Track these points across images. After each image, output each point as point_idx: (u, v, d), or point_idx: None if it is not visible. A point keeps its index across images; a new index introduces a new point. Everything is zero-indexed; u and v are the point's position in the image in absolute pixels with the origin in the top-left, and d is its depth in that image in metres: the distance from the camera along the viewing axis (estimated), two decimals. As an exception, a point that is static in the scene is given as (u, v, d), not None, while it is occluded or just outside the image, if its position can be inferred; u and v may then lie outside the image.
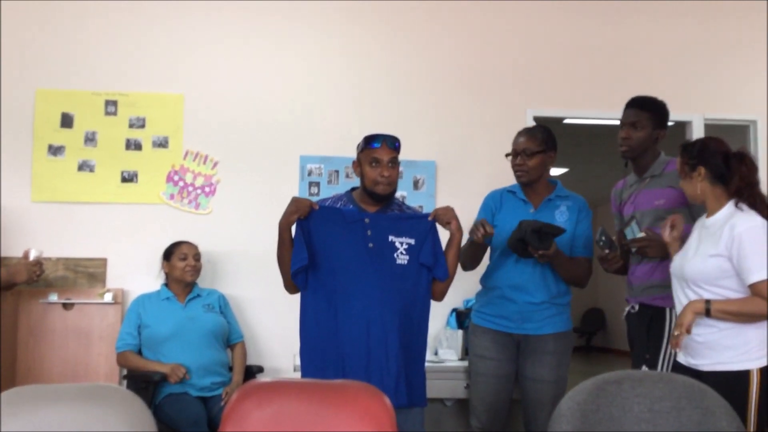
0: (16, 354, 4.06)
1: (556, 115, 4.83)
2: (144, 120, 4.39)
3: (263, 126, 4.48)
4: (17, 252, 3.85)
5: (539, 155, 3.21)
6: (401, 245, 2.71)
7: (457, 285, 3.14)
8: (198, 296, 3.94)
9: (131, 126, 4.38)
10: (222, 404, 3.58)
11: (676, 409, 1.79)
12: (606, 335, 14.84)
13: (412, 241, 2.73)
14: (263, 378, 4.07)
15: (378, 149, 2.74)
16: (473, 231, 2.96)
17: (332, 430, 1.56)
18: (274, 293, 4.27)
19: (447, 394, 3.93)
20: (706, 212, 2.78)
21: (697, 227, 2.83)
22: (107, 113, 4.37)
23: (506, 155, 3.31)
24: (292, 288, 2.81)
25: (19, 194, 4.24)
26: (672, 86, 4.79)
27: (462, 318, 4.17)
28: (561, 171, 10.62)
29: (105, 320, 4.16)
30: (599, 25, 4.80)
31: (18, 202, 4.23)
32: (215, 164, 4.42)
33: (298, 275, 2.70)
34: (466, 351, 3.71)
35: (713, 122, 4.80)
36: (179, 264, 3.89)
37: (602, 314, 14.86)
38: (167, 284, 3.96)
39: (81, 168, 4.32)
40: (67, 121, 4.34)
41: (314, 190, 4.43)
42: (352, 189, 2.92)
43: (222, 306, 4.02)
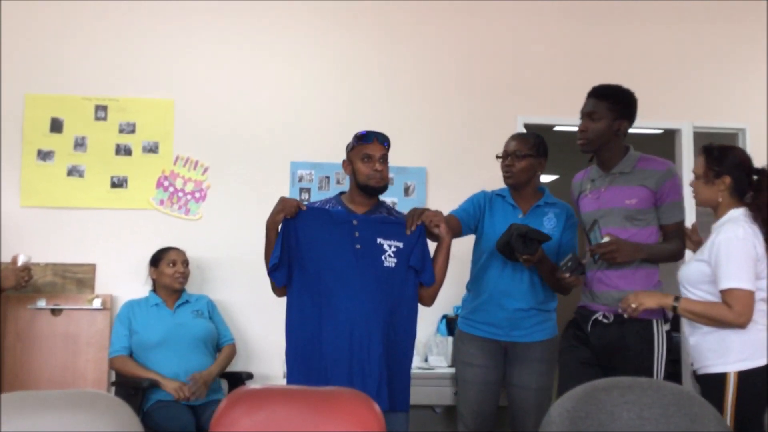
0: (4, 360, 4.02)
1: (547, 123, 4.85)
2: (134, 125, 4.37)
3: (254, 132, 4.47)
4: (5, 257, 3.82)
5: (528, 159, 3.22)
6: (389, 248, 2.72)
7: (448, 291, 3.14)
8: (187, 302, 3.92)
9: (121, 131, 4.36)
10: (189, 385, 3.58)
11: (665, 416, 1.79)
12: (596, 342, 14.86)
13: (401, 245, 2.74)
14: (252, 384, 4.05)
15: (370, 145, 2.78)
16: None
17: (321, 437, 1.56)
18: (264, 299, 4.26)
19: (437, 401, 3.93)
20: (714, 217, 2.83)
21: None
22: (97, 118, 4.36)
23: (497, 156, 3.32)
24: (279, 290, 2.80)
25: (8, 199, 4.22)
26: (662, 94, 4.82)
27: (452, 324, 4.17)
28: (551, 178, 10.64)
29: (93, 326, 4.14)
30: (590, 33, 4.83)
31: (7, 208, 4.20)
32: (205, 170, 4.41)
33: (275, 272, 2.71)
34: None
35: (703, 130, 4.83)
36: (168, 270, 3.87)
37: (592, 321, 14.89)
38: (155, 290, 3.94)
39: (70, 173, 4.30)
40: (57, 126, 4.32)
41: (305, 196, 4.42)
42: (341, 193, 2.93)
43: (211, 311, 4.00)
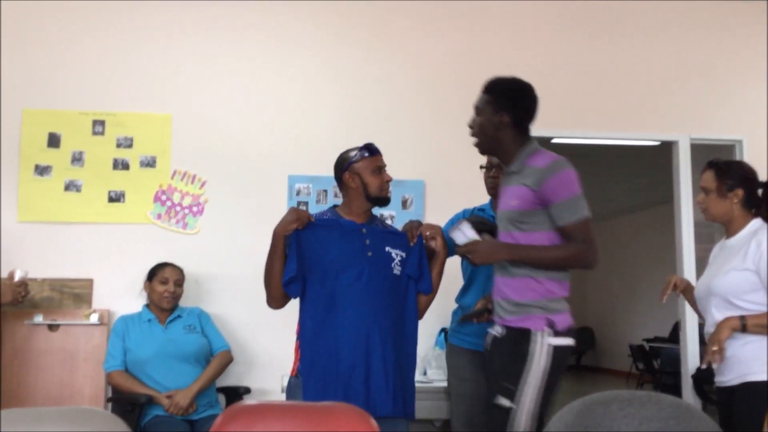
0: (0, 376, 4.01)
1: (545, 135, 4.85)
2: (132, 140, 4.38)
3: (251, 145, 4.47)
4: (2, 273, 3.81)
5: None
6: (396, 256, 2.76)
7: (445, 304, 3.13)
8: (179, 317, 3.89)
9: (119, 145, 4.37)
10: (169, 409, 3.56)
11: (664, 430, 1.78)
12: (596, 354, 14.84)
13: (404, 254, 2.79)
14: (250, 400, 4.03)
15: (378, 157, 2.85)
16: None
17: (318, 453, 1.55)
18: (263, 314, 4.24)
19: (435, 415, 3.90)
20: (726, 233, 2.83)
21: (717, 249, 2.90)
22: (95, 133, 4.36)
23: (480, 167, 3.31)
24: (276, 301, 2.77)
25: (6, 214, 4.21)
26: (659, 106, 4.84)
27: (451, 338, 4.15)
28: (549, 190, 10.65)
29: (91, 341, 4.12)
30: (587, 47, 4.85)
31: (4, 223, 4.20)
32: (203, 184, 4.41)
33: (290, 285, 2.69)
34: None
35: (700, 142, 4.85)
36: (159, 288, 3.85)
37: (591, 333, 14.87)
38: (148, 305, 3.92)
39: (68, 188, 4.30)
40: (54, 141, 4.33)
41: (303, 210, 4.41)
42: (334, 206, 2.92)
43: (203, 323, 3.97)
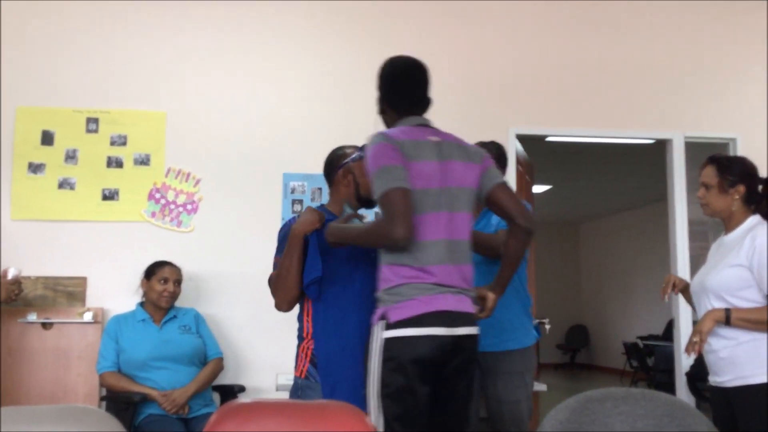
0: (-6, 374, 4.00)
1: (539, 133, 4.86)
2: (125, 137, 4.36)
3: (246, 143, 4.47)
4: (-5, 271, 3.80)
5: None
6: None
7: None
8: (174, 317, 3.87)
9: (113, 143, 4.36)
10: (164, 405, 3.55)
11: (658, 427, 1.78)
12: (590, 352, 14.88)
13: None
14: (244, 398, 4.03)
15: None
16: None
17: (313, 451, 1.55)
18: (257, 312, 4.27)
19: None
20: (724, 229, 2.83)
21: (715, 246, 2.89)
22: (88, 131, 4.35)
23: None
24: (290, 304, 2.69)
25: (-2, 212, 4.20)
26: (653, 105, 4.85)
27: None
28: (544, 188, 10.69)
29: (84, 340, 4.11)
30: (581, 45, 4.85)
31: (-3, 221, 4.18)
32: (197, 182, 4.40)
33: (312, 286, 2.64)
34: None
35: (693, 140, 4.86)
36: (157, 287, 3.84)
37: (586, 331, 14.91)
38: (143, 303, 3.90)
39: (61, 186, 4.28)
40: (48, 139, 4.31)
41: (297, 208, 4.41)
42: (322, 205, 2.88)
43: (198, 325, 3.95)
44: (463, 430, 2.34)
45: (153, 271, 3.88)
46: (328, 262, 2.64)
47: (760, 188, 2.77)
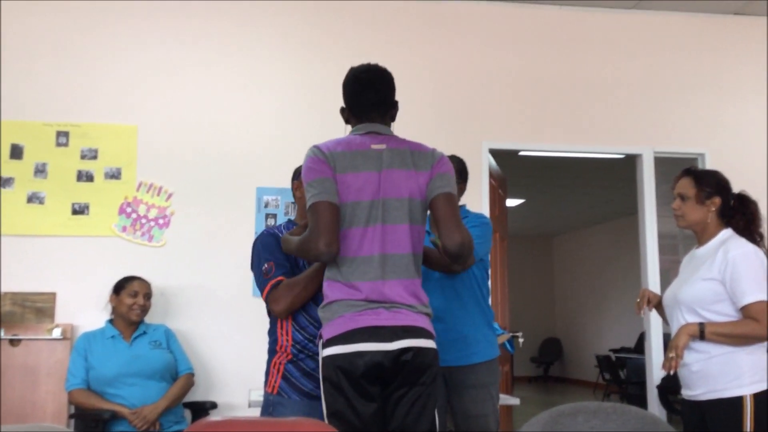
0: (-41, 393, 3.92)
1: (512, 148, 4.91)
2: (96, 151, 4.32)
3: (219, 157, 4.44)
4: (-39, 287, 3.74)
5: None
6: None
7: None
8: (144, 333, 3.83)
9: (83, 157, 4.31)
10: (135, 422, 3.51)
11: (630, 441, 1.80)
12: (563, 365, 14.96)
13: None
14: (216, 414, 3.99)
15: None
16: None
17: (285, 469, 1.53)
18: (229, 327, 4.24)
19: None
20: (697, 242, 2.85)
21: (687, 259, 2.91)
22: (58, 144, 4.30)
23: None
24: (289, 313, 2.59)
25: (-35, 227, 4.13)
26: (623, 120, 4.92)
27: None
28: (517, 202, 10.77)
29: (53, 356, 4.04)
30: (552, 61, 4.91)
31: (-37, 235, 4.11)
32: (169, 196, 4.37)
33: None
34: None
35: (663, 155, 4.93)
36: (127, 300, 3.80)
37: (559, 344, 14.99)
38: (112, 320, 3.85)
39: (30, 200, 4.23)
40: (17, 153, 4.26)
41: (271, 222, 4.40)
42: (289, 220, 2.86)
43: (169, 340, 3.91)
44: None
45: (122, 286, 3.84)
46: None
47: (732, 202, 2.81)
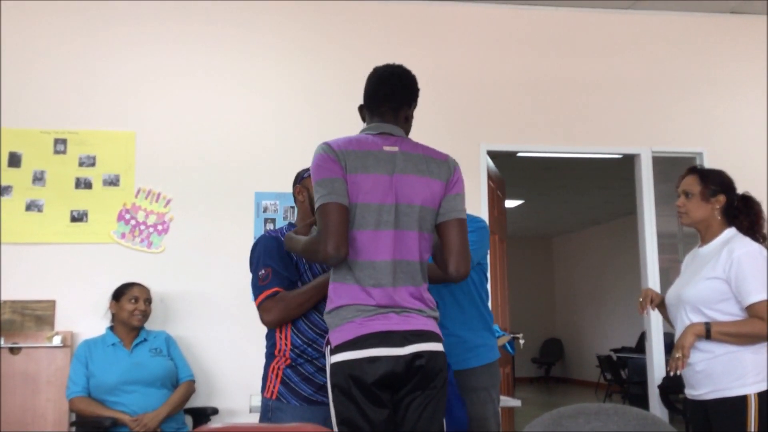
0: (-41, 402, 3.91)
1: (510, 149, 4.91)
2: (94, 158, 4.32)
3: (217, 163, 4.44)
4: (-39, 295, 3.73)
5: None
6: None
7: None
8: (144, 340, 3.84)
9: (81, 164, 4.31)
10: (135, 429, 3.50)
11: (631, 443, 1.80)
12: (564, 365, 14.95)
13: None
14: (217, 420, 3.98)
15: None
16: None
17: (286, 475, 1.53)
18: (230, 333, 4.24)
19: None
20: (700, 240, 2.84)
21: (689, 258, 2.90)
22: (56, 152, 4.30)
23: None
24: (281, 324, 2.61)
25: (-36, 236, 4.12)
26: (621, 121, 4.92)
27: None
28: (516, 203, 10.77)
29: (53, 364, 4.04)
30: (550, 62, 4.91)
31: (-38, 244, 4.11)
32: (168, 202, 4.36)
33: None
34: None
35: (661, 155, 4.93)
36: (128, 306, 3.80)
37: (560, 345, 14.99)
38: (113, 327, 3.86)
39: (29, 208, 4.22)
40: (15, 161, 4.25)
41: (270, 227, 4.40)
42: (290, 224, 2.85)
43: (169, 347, 3.91)
44: None
45: (122, 292, 3.85)
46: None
47: (736, 203, 2.80)
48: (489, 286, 3.22)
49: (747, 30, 5.11)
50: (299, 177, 2.81)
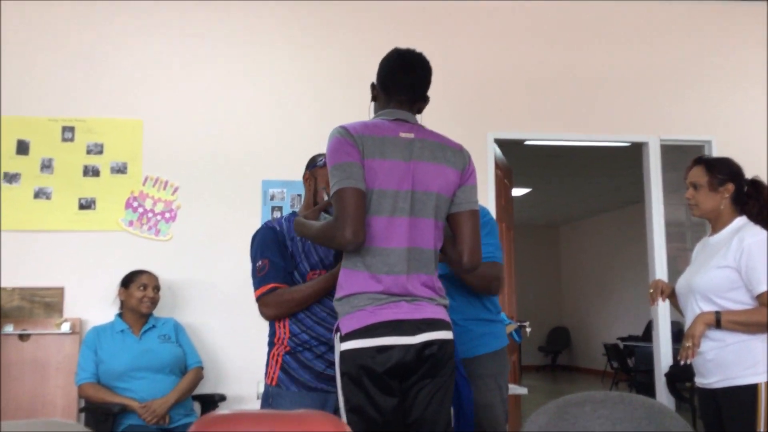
0: (-30, 388, 3.94)
1: (517, 137, 4.89)
2: (102, 146, 4.33)
3: (224, 151, 4.45)
4: (-30, 283, 3.76)
5: None
6: None
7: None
8: (153, 327, 3.86)
9: (89, 152, 4.32)
10: (144, 415, 3.52)
11: (637, 430, 1.80)
12: (571, 354, 14.96)
13: None
14: (225, 407, 4.01)
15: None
16: None
17: (293, 461, 1.53)
18: (237, 320, 4.25)
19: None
20: (710, 230, 2.83)
21: (700, 247, 2.90)
22: (64, 139, 4.31)
23: None
24: (277, 318, 2.65)
25: (-27, 223, 4.14)
26: (629, 109, 4.90)
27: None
28: (524, 191, 10.75)
29: (62, 351, 4.06)
30: (558, 50, 4.89)
31: (-29, 232, 4.13)
32: (175, 190, 4.37)
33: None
34: None
35: (669, 142, 4.91)
36: (137, 293, 3.82)
37: (567, 333, 14.99)
38: (121, 314, 3.88)
39: (37, 195, 4.24)
40: (23, 148, 4.27)
41: (277, 215, 4.40)
42: (293, 213, 2.85)
43: (178, 334, 3.93)
44: None
45: (131, 279, 3.87)
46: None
47: (746, 188, 2.78)
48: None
49: (756, 17, 5.06)
50: (312, 163, 2.80)
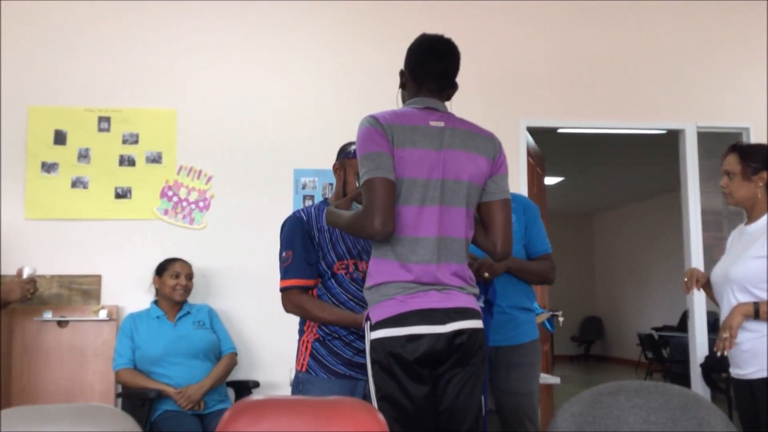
0: (11, 373, 4.03)
1: (550, 125, 4.85)
2: (137, 136, 4.38)
3: (257, 140, 4.48)
4: (11, 270, 3.83)
5: None
6: None
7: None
8: (188, 313, 3.91)
9: (124, 142, 4.38)
10: (180, 401, 3.59)
11: (672, 420, 1.78)
12: (604, 344, 14.84)
13: None
14: (258, 393, 4.05)
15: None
16: None
17: (326, 447, 1.55)
18: (270, 307, 4.26)
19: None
20: (746, 218, 2.79)
21: (735, 235, 2.86)
22: (100, 129, 4.37)
23: None
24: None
25: (13, 212, 4.23)
26: (665, 95, 4.82)
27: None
28: (557, 180, 10.65)
29: (100, 337, 4.14)
30: (592, 35, 4.82)
31: (11, 220, 4.21)
32: (209, 179, 4.41)
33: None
34: None
35: (706, 130, 4.82)
36: (170, 282, 3.87)
37: (600, 323, 14.86)
38: (157, 301, 3.94)
39: (74, 185, 4.31)
40: (60, 138, 4.34)
41: (309, 204, 4.42)
42: (325, 199, 2.87)
43: (212, 320, 3.98)
44: (470, 427, 2.24)
45: (164, 267, 3.92)
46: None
47: None
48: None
49: (798, 1, 4.94)
50: (342, 152, 2.81)
